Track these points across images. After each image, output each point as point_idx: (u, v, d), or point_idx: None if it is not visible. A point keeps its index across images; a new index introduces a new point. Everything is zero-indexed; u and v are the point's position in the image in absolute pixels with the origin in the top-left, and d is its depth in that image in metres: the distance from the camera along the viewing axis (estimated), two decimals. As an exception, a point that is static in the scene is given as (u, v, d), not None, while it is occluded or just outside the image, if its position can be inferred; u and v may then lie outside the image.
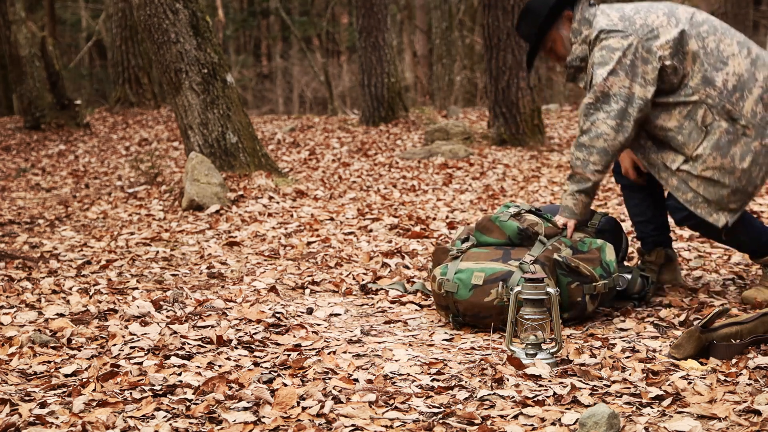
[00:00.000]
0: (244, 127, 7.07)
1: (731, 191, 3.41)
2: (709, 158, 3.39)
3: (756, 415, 2.42)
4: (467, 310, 3.37)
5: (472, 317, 3.38)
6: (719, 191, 3.41)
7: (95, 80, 22.17)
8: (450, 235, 5.03)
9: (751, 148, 3.37)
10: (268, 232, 5.30)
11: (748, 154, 3.38)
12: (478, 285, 3.34)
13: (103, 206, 6.73)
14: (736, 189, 3.41)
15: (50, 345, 3.17)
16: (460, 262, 3.45)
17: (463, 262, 3.45)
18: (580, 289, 3.37)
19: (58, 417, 2.50)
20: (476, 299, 3.34)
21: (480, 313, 3.35)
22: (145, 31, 7.05)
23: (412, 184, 7.02)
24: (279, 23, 23.82)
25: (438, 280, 3.44)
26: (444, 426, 2.44)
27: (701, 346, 2.91)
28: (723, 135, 3.38)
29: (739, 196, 3.43)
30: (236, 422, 2.45)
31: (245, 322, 3.43)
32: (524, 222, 3.50)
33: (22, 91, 11.87)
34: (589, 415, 2.33)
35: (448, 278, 3.41)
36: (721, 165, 3.38)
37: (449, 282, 3.40)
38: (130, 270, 4.53)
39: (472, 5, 17.59)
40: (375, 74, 10.85)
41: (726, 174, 3.39)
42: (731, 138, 3.37)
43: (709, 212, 3.44)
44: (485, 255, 3.46)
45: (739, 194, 3.42)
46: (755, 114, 3.36)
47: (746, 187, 3.41)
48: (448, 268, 3.45)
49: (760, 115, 3.37)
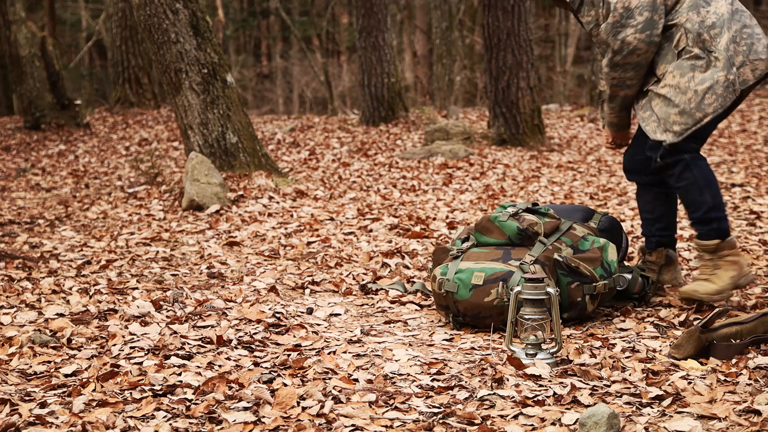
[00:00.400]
0: (244, 127, 7.07)
1: (679, 111, 3.40)
2: (669, 76, 3.42)
3: (756, 415, 2.42)
4: (467, 310, 3.37)
5: (472, 317, 3.38)
6: (668, 109, 3.42)
7: (95, 80, 22.17)
8: (450, 235, 5.03)
9: (714, 76, 3.37)
10: (268, 232, 5.30)
11: (707, 81, 3.38)
12: (479, 285, 3.34)
13: (103, 206, 6.73)
14: (683, 110, 3.39)
15: (50, 345, 3.17)
16: (460, 262, 3.45)
17: (464, 262, 3.45)
18: (580, 289, 3.37)
19: (58, 417, 2.50)
20: (476, 299, 3.34)
21: (480, 313, 3.35)
22: (145, 31, 7.05)
23: (412, 184, 7.02)
24: (279, 23, 23.82)
25: (438, 279, 3.44)
26: (444, 426, 2.44)
27: (701, 346, 2.91)
28: (691, 60, 3.40)
29: (685, 119, 3.40)
30: (236, 422, 2.45)
31: (245, 322, 3.43)
32: (523, 222, 3.49)
33: (22, 91, 11.87)
34: (589, 415, 2.33)
35: (448, 278, 3.41)
36: (677, 84, 3.40)
37: (449, 282, 3.40)
38: (130, 270, 4.53)
39: (472, 5, 17.59)
40: (375, 74, 10.85)
41: (679, 93, 3.40)
42: (699, 65, 3.40)
43: (654, 130, 3.44)
44: (485, 255, 3.45)
45: (686, 116, 3.39)
46: (727, 49, 3.39)
47: (693, 111, 3.39)
48: (448, 268, 3.45)
49: (731, 51, 3.40)
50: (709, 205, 3.43)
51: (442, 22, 15.19)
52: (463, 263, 3.44)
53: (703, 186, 3.43)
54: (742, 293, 3.71)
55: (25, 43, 11.77)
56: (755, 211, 5.40)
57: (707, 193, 3.43)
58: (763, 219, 5.22)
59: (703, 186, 3.43)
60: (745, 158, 7.70)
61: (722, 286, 3.43)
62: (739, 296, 3.68)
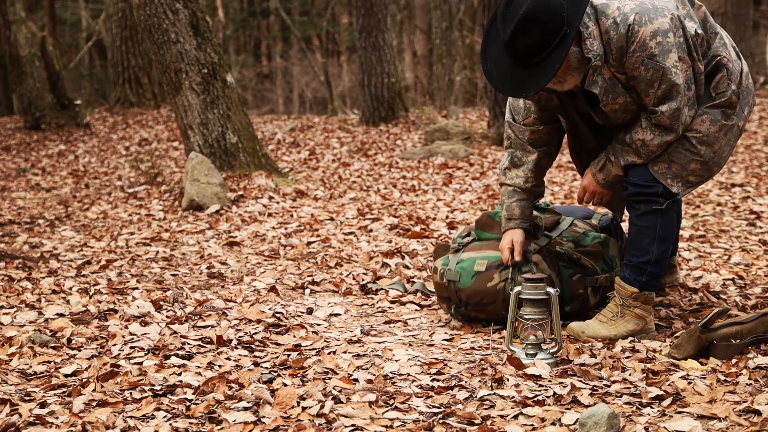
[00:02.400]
0: (244, 127, 7.07)
1: (701, 162, 3.10)
2: (698, 120, 3.08)
3: (756, 415, 2.42)
4: (470, 298, 3.35)
5: (474, 306, 3.36)
6: (690, 157, 3.09)
7: (95, 80, 22.17)
8: (450, 235, 5.03)
9: (730, 125, 3.12)
10: (268, 232, 5.30)
11: (728, 130, 3.11)
12: (481, 271, 3.33)
13: (103, 206, 6.73)
14: (705, 162, 3.10)
15: (50, 345, 3.17)
16: (462, 254, 3.44)
17: (465, 253, 3.44)
18: (582, 281, 3.36)
19: (58, 417, 2.50)
20: (479, 286, 3.33)
21: (483, 300, 3.33)
22: (145, 31, 7.05)
23: (412, 184, 7.02)
24: (279, 23, 23.81)
25: (440, 270, 3.43)
26: (444, 426, 2.44)
27: (701, 346, 2.91)
28: (725, 107, 3.08)
29: (704, 171, 3.12)
30: (236, 422, 2.45)
31: (245, 322, 3.43)
32: None
33: (22, 91, 11.87)
34: (589, 415, 2.33)
35: (450, 268, 3.40)
36: (707, 132, 3.07)
37: (451, 271, 3.39)
38: (130, 270, 4.53)
39: (472, 5, 17.58)
40: (375, 74, 10.85)
41: (706, 144, 3.09)
42: (729, 113, 3.11)
43: (666, 175, 3.10)
44: (487, 246, 3.44)
45: (705, 169, 3.12)
46: (741, 92, 3.15)
47: (712, 166, 3.14)
48: (450, 260, 3.45)
49: (746, 91, 3.16)
50: (653, 257, 3.15)
51: (442, 22, 15.19)
52: (465, 254, 3.43)
53: (659, 237, 3.14)
54: (742, 293, 3.71)
55: (25, 43, 11.77)
56: (755, 211, 5.40)
57: (657, 246, 3.14)
58: (763, 219, 5.22)
59: (658, 237, 3.14)
60: (745, 158, 7.70)
61: (614, 335, 3.17)
62: (739, 296, 3.67)
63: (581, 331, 3.20)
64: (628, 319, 3.18)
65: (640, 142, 3.08)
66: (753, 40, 14.41)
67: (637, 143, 3.09)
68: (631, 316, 3.18)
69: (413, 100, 17.00)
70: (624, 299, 3.18)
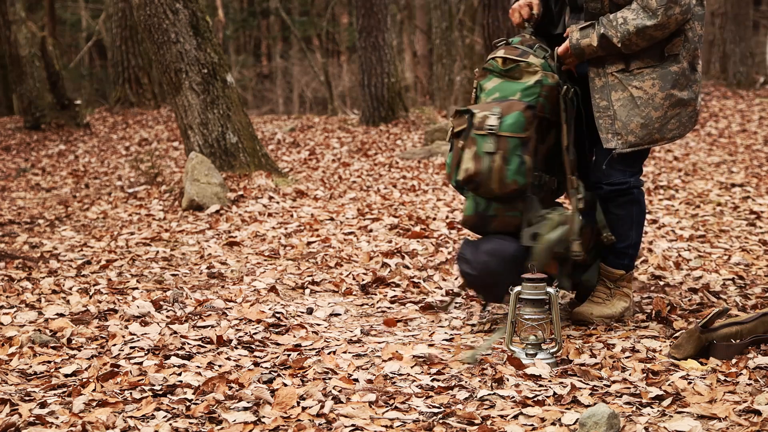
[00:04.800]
0: (244, 127, 7.07)
1: (641, 124, 3.23)
2: (649, 80, 3.22)
3: (756, 415, 2.42)
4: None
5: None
6: (631, 115, 3.23)
7: (95, 80, 22.17)
8: (450, 235, 5.03)
9: (686, 101, 3.25)
10: (268, 232, 5.30)
11: (679, 104, 3.24)
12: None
13: (103, 206, 6.73)
14: (645, 125, 3.23)
15: (50, 345, 3.17)
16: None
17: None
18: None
19: (58, 417, 2.50)
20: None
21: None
22: (145, 31, 7.05)
23: (412, 184, 7.02)
24: (279, 23, 23.81)
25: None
26: (444, 426, 2.44)
27: (701, 346, 2.91)
28: (677, 74, 3.22)
29: (642, 135, 3.24)
30: (236, 422, 2.45)
31: (245, 322, 3.43)
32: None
33: (22, 91, 11.87)
34: (589, 415, 2.33)
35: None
36: (653, 94, 3.21)
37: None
38: (130, 270, 4.53)
39: (472, 5, 17.58)
40: (375, 74, 10.85)
41: (650, 105, 3.22)
42: (681, 83, 3.23)
43: (606, 128, 3.27)
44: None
45: (644, 132, 3.24)
46: (694, 76, 3.29)
47: (653, 131, 3.24)
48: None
49: (696, 78, 3.30)
50: (632, 241, 3.41)
51: (442, 22, 15.19)
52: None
53: (635, 223, 3.40)
54: (742, 293, 3.72)
55: (25, 43, 11.77)
56: (755, 211, 5.41)
57: (635, 230, 3.40)
58: (763, 219, 5.22)
59: (635, 222, 3.40)
60: (745, 158, 7.70)
61: (614, 312, 3.40)
62: (739, 296, 3.68)
63: (590, 313, 3.40)
64: (619, 297, 3.43)
65: (622, 19, 3.17)
66: (753, 40, 14.40)
67: (619, 19, 3.17)
68: (621, 295, 3.44)
69: (413, 100, 17.00)
70: (612, 283, 3.44)
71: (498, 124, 3.19)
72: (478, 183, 3.23)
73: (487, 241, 3.33)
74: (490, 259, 3.26)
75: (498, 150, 3.19)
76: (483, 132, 3.21)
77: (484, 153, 3.20)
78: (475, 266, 3.28)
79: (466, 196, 3.35)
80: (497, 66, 3.35)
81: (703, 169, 7.23)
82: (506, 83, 3.32)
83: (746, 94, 12.16)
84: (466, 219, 3.36)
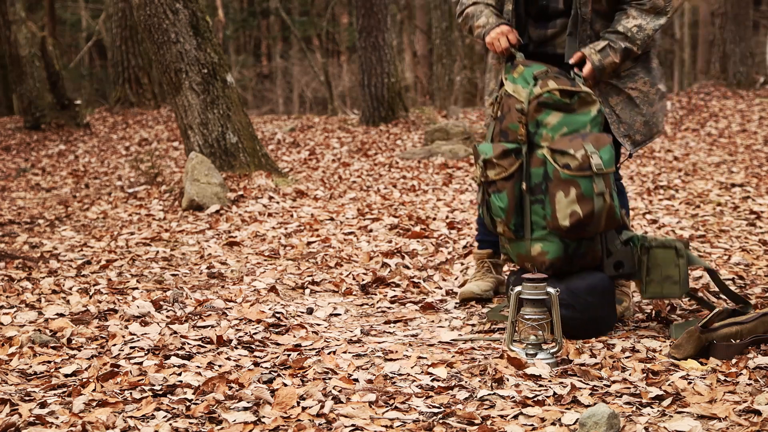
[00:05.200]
0: (244, 127, 7.07)
1: (644, 121, 3.36)
2: (641, 79, 3.34)
3: (756, 415, 2.42)
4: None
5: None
6: (634, 115, 3.34)
7: (95, 80, 22.17)
8: (450, 235, 5.03)
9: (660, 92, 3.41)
10: (268, 232, 5.30)
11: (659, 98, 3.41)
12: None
13: (103, 206, 6.73)
14: (647, 121, 3.36)
15: (50, 345, 3.17)
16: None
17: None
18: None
19: (58, 417, 2.50)
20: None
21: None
22: (145, 31, 7.05)
23: (412, 184, 7.02)
24: (279, 23, 23.81)
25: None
26: (444, 426, 2.44)
27: (701, 346, 2.91)
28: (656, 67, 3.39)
29: (646, 131, 3.38)
30: (236, 422, 2.45)
31: (245, 322, 3.43)
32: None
33: (22, 91, 11.86)
34: (589, 415, 2.33)
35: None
36: (647, 92, 3.34)
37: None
38: (130, 270, 4.53)
39: (472, 5, 17.55)
40: (375, 74, 10.85)
41: (646, 102, 3.35)
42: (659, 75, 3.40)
43: (618, 133, 3.35)
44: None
45: (647, 128, 3.37)
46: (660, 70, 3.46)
47: (652, 126, 3.38)
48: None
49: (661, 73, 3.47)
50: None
51: (442, 22, 15.19)
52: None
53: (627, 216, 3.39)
54: (742, 293, 3.71)
55: (25, 43, 11.76)
56: (755, 211, 5.40)
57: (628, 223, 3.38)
58: (763, 219, 5.22)
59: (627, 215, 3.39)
60: (745, 158, 7.70)
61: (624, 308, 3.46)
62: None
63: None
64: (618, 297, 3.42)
65: (637, 28, 3.25)
66: (753, 40, 14.39)
67: (633, 30, 3.25)
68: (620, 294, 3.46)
69: (413, 100, 17.00)
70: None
71: (602, 162, 3.07)
72: (587, 225, 3.11)
73: (578, 279, 3.19)
74: (592, 298, 3.15)
75: (606, 188, 3.08)
76: (587, 173, 3.06)
77: (595, 194, 3.06)
78: (578, 308, 3.13)
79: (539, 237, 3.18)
80: (558, 99, 3.17)
81: (703, 169, 7.23)
82: (569, 116, 3.17)
83: (746, 94, 12.16)
84: (552, 262, 3.16)
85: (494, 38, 3.34)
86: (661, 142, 8.91)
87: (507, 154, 3.17)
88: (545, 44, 3.40)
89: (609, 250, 3.24)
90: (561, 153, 3.09)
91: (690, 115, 10.83)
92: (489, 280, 3.74)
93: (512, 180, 3.17)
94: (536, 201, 3.17)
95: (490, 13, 3.39)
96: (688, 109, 11.30)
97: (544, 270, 3.15)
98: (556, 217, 3.09)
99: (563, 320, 3.03)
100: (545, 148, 3.14)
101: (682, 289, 3.26)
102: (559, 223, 3.09)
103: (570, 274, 3.20)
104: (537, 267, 3.17)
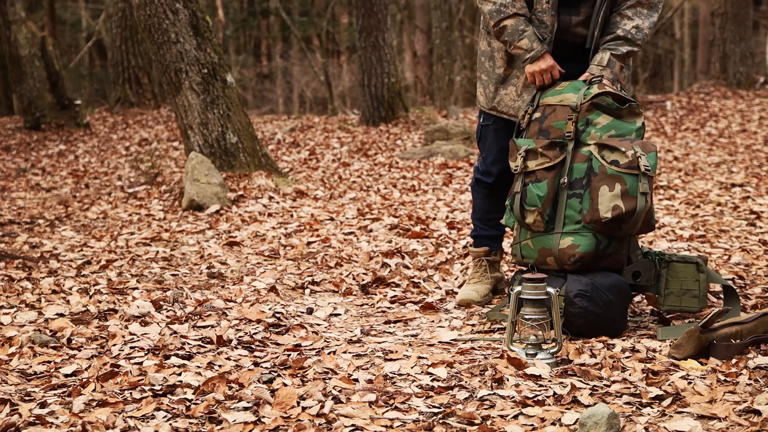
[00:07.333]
0: (244, 127, 7.07)
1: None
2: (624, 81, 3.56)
3: (756, 415, 2.42)
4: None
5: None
6: None
7: (95, 80, 22.16)
8: (450, 235, 5.03)
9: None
10: (268, 232, 5.30)
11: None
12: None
13: (103, 206, 6.73)
14: None
15: (50, 345, 3.17)
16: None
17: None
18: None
19: (58, 417, 2.50)
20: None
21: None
22: (145, 31, 7.05)
23: (412, 184, 7.02)
24: (279, 23, 23.80)
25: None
26: (444, 426, 2.44)
27: (701, 346, 2.91)
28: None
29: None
30: (236, 422, 2.45)
31: (245, 322, 3.43)
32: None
33: (22, 91, 11.86)
34: (589, 415, 2.33)
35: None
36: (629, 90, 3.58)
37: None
38: (130, 270, 4.53)
39: (472, 5, 17.57)
40: (375, 74, 10.84)
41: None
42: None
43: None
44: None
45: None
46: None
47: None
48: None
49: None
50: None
51: (442, 22, 15.19)
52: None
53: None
54: (742, 293, 3.71)
55: (25, 43, 11.76)
56: (755, 211, 5.40)
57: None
58: (763, 219, 5.22)
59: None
60: (745, 158, 7.70)
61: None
62: (739, 296, 3.67)
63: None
64: None
65: (635, 29, 3.38)
66: (753, 40, 14.39)
67: (632, 31, 3.38)
68: None
69: (413, 100, 17.00)
70: None
71: (650, 164, 3.15)
72: (626, 222, 3.16)
73: (602, 276, 3.22)
74: (614, 296, 3.19)
75: (649, 190, 3.15)
76: (634, 171, 3.14)
77: (639, 193, 3.13)
78: (600, 303, 3.16)
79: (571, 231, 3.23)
80: (611, 102, 3.27)
81: (703, 169, 7.23)
82: (618, 122, 3.27)
83: (746, 94, 12.15)
84: (582, 255, 3.21)
85: (537, 72, 3.41)
86: (661, 142, 8.91)
87: (553, 146, 3.27)
88: (566, 31, 3.45)
89: (630, 258, 3.31)
90: (611, 149, 3.18)
91: (690, 115, 10.83)
92: (487, 282, 3.76)
93: (554, 171, 3.26)
94: (574, 195, 3.25)
95: (532, 34, 3.40)
96: (688, 109, 11.30)
97: (571, 263, 3.21)
98: (597, 209, 3.16)
99: (583, 312, 3.11)
100: (592, 145, 3.23)
101: (700, 304, 3.34)
102: (600, 215, 3.15)
103: (594, 271, 3.24)
104: (562, 261, 3.23)
